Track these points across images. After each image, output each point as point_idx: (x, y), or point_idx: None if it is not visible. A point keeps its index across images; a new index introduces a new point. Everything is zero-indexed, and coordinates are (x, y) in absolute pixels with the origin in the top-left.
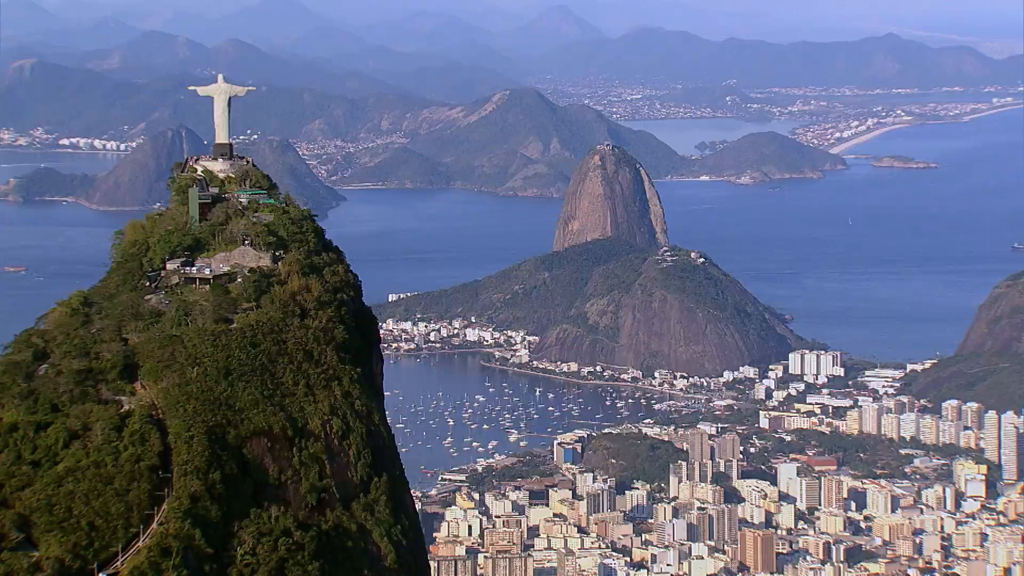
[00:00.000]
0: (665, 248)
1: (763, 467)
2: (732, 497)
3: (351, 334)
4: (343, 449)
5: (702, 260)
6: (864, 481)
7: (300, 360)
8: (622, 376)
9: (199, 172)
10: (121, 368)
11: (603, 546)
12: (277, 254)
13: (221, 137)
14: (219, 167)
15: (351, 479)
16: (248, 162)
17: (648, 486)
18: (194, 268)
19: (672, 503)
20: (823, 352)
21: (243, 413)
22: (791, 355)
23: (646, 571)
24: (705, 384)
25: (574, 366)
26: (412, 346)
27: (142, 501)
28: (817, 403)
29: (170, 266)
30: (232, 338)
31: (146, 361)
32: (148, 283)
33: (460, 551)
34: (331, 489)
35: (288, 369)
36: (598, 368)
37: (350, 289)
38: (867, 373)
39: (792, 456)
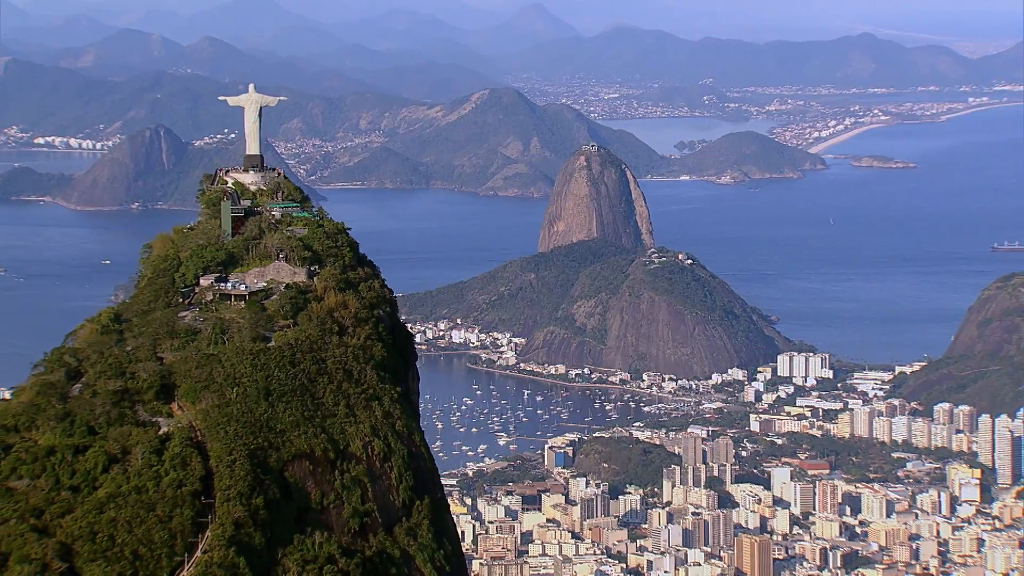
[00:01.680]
0: (652, 249)
1: (756, 471)
2: (726, 502)
3: (389, 352)
4: (385, 472)
5: (689, 262)
6: (858, 485)
7: (340, 379)
8: (610, 379)
9: (230, 184)
10: (157, 388)
11: (598, 552)
12: (312, 269)
13: (252, 148)
14: (250, 179)
15: (393, 503)
16: (279, 174)
17: (641, 491)
18: (229, 284)
19: (666, 508)
20: (811, 354)
21: (284, 435)
22: (779, 357)
23: None
24: (694, 387)
25: (561, 368)
26: None
27: (185, 528)
28: (807, 406)
29: (204, 282)
30: (271, 357)
31: (183, 381)
32: (182, 299)
33: None
34: (373, 513)
35: (328, 389)
36: (586, 370)
37: (386, 305)
38: (856, 375)
39: (784, 460)
